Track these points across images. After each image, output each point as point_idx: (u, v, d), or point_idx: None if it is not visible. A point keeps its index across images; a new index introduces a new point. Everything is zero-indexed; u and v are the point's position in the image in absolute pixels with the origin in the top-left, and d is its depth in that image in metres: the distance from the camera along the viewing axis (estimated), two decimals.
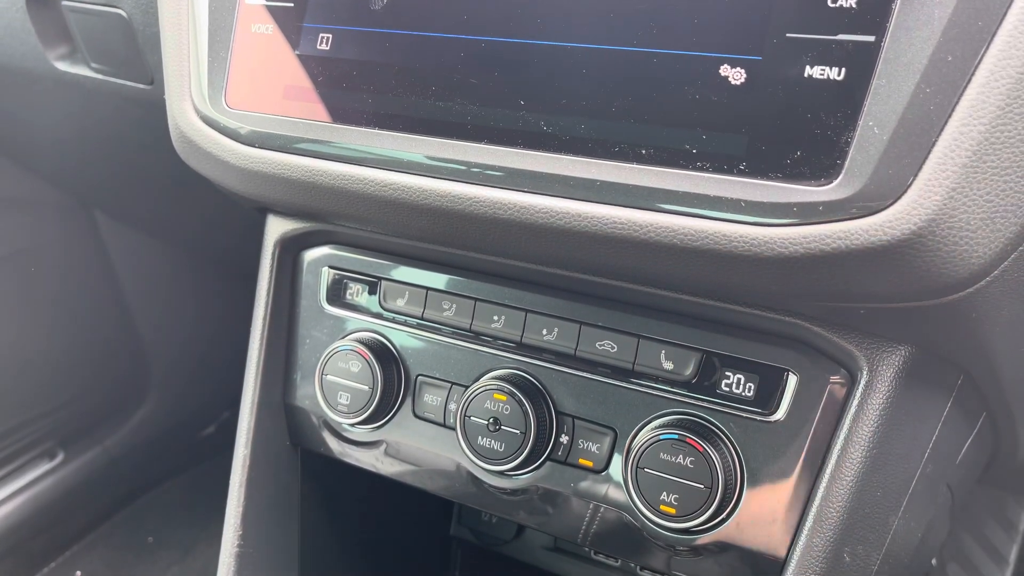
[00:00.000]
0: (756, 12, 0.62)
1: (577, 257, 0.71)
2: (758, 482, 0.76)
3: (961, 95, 0.56)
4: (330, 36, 0.80)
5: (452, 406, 0.90)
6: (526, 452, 0.84)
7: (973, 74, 0.55)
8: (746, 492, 0.76)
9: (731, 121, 0.63)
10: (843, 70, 0.59)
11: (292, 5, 0.82)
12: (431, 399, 0.92)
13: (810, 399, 0.74)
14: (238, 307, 1.01)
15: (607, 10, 0.67)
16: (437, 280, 0.91)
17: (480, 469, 0.88)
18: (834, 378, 0.74)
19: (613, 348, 0.82)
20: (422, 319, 0.92)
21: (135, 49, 1.14)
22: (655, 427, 0.79)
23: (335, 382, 0.94)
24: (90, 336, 2.16)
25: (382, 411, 0.93)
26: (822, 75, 0.60)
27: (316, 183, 0.80)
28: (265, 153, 0.82)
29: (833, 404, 0.74)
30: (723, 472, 0.75)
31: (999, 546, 1.65)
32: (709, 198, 0.63)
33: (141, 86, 1.20)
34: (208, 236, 2.06)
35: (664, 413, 0.80)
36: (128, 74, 1.20)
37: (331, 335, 0.97)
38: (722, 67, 0.63)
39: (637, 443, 0.79)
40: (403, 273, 0.93)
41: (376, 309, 0.95)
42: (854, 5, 0.58)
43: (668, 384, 0.80)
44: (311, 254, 0.99)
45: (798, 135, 0.60)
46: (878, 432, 0.72)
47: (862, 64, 0.58)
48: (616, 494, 0.83)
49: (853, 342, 0.71)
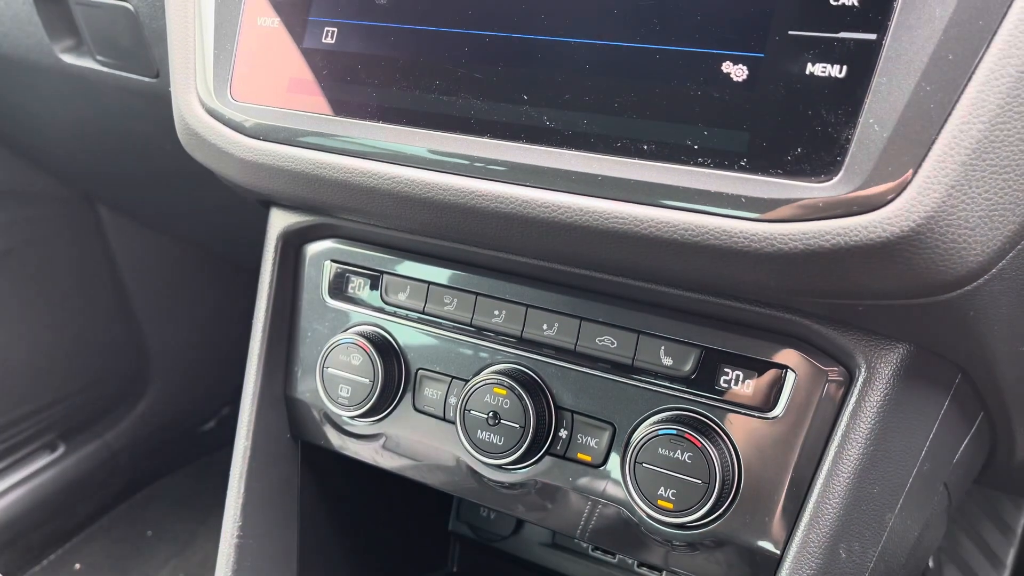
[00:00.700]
0: (759, 10, 0.62)
1: (578, 252, 0.71)
2: (755, 478, 0.76)
3: (961, 94, 0.56)
4: (335, 30, 0.81)
5: (452, 400, 0.91)
6: (525, 446, 0.84)
7: (973, 73, 0.56)
8: (743, 488, 0.77)
9: (733, 117, 0.63)
10: (845, 68, 0.59)
11: None
12: (431, 393, 0.92)
13: (808, 396, 0.75)
14: (239, 303, 1.02)
15: (610, 6, 0.68)
16: (439, 275, 0.92)
17: (479, 463, 0.88)
18: (832, 375, 0.74)
19: (613, 344, 0.83)
20: (423, 313, 0.93)
21: (141, 42, 1.15)
22: (654, 422, 0.79)
23: (336, 375, 0.94)
24: (92, 330, 2.16)
25: (382, 404, 0.93)
26: (824, 73, 0.60)
27: (320, 176, 0.80)
28: (269, 146, 0.83)
29: (831, 401, 0.74)
30: (721, 468, 0.76)
31: (996, 549, 1.65)
32: (710, 194, 0.63)
33: (146, 79, 1.20)
34: (211, 231, 2.06)
35: (663, 409, 0.80)
36: (133, 67, 1.21)
37: (333, 328, 0.98)
38: (724, 64, 0.64)
39: (635, 438, 0.79)
40: (405, 267, 0.94)
41: (378, 303, 0.95)
42: (856, 3, 0.59)
43: (667, 380, 0.80)
44: (314, 248, 1.00)
45: (799, 132, 0.61)
46: (875, 429, 0.72)
47: (863, 62, 0.58)
48: (614, 489, 0.83)
49: (851, 339, 0.72)
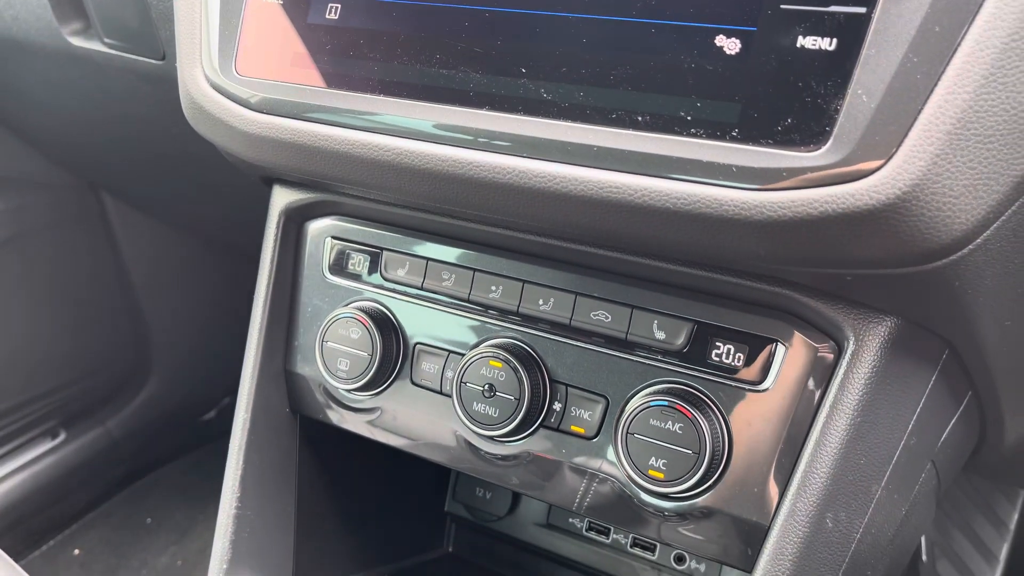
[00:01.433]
0: None
1: (573, 222, 0.73)
2: (745, 448, 0.78)
3: (947, 65, 0.57)
4: (338, 6, 0.82)
5: (449, 374, 0.92)
6: (519, 418, 0.85)
7: (959, 45, 0.57)
8: (733, 458, 0.78)
9: (725, 89, 0.64)
10: (835, 40, 0.60)
11: None
12: (429, 367, 0.94)
13: (797, 369, 0.76)
14: (243, 295, 1.03)
15: None
16: (437, 251, 0.93)
17: (474, 435, 0.90)
18: (821, 348, 0.75)
19: (607, 318, 0.84)
20: (422, 289, 0.94)
21: (148, 23, 1.16)
22: (646, 395, 0.81)
23: (335, 348, 0.95)
24: (95, 318, 2.18)
25: (380, 378, 0.95)
26: (814, 45, 0.61)
27: (322, 148, 0.82)
28: (273, 119, 0.84)
29: (819, 374, 0.75)
30: (711, 438, 0.77)
31: (990, 544, 1.66)
32: (702, 163, 0.64)
33: (153, 61, 1.22)
34: (215, 222, 2.07)
35: (655, 382, 0.82)
36: (140, 49, 1.22)
37: (332, 303, 0.99)
38: (718, 37, 0.65)
39: (628, 410, 0.81)
40: (404, 244, 0.95)
41: (377, 279, 0.97)
42: None
43: (660, 354, 0.82)
44: (315, 225, 1.01)
45: (789, 103, 0.62)
46: (863, 401, 0.73)
47: (853, 34, 0.60)
48: (606, 460, 0.84)
49: (840, 313, 0.73)
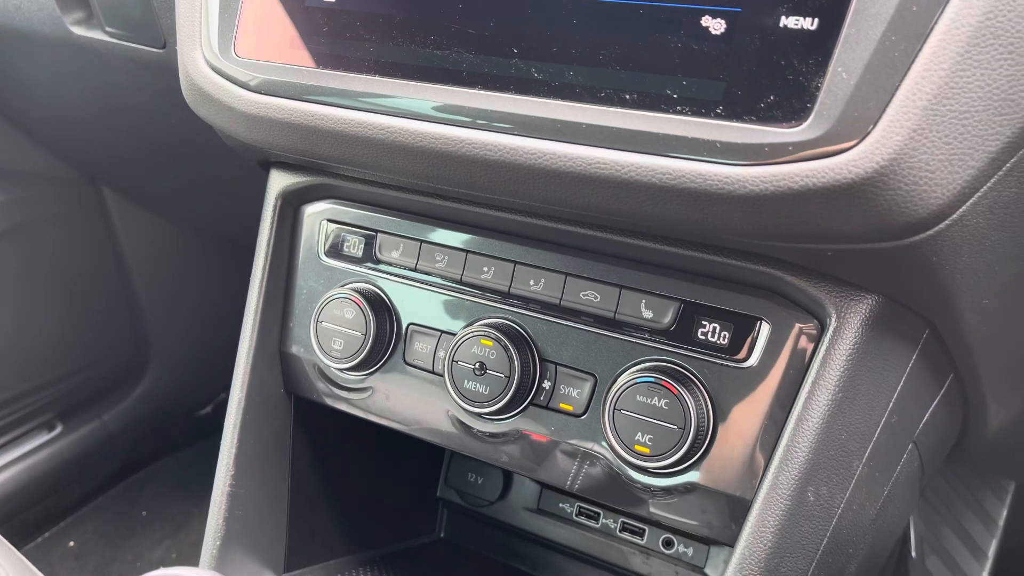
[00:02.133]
0: None
1: (563, 199, 0.74)
2: (729, 424, 0.79)
3: (924, 43, 0.59)
4: None
5: (441, 353, 0.94)
6: (509, 395, 0.87)
7: (936, 23, 0.59)
8: (718, 434, 0.80)
9: (710, 68, 0.66)
10: (816, 20, 0.62)
11: None
12: (421, 347, 0.95)
13: (780, 346, 0.78)
14: (241, 291, 1.04)
15: None
16: (430, 233, 0.95)
17: (465, 412, 0.91)
18: (804, 326, 0.77)
19: (596, 298, 0.86)
20: (415, 270, 0.96)
21: (150, 12, 1.18)
22: (633, 372, 0.82)
23: (329, 328, 0.97)
24: (93, 311, 2.19)
25: (374, 358, 0.96)
26: (796, 25, 0.63)
27: (320, 128, 0.83)
28: (272, 100, 0.86)
29: (802, 351, 0.77)
30: (696, 413, 0.79)
31: (978, 539, 1.67)
32: (688, 140, 0.66)
33: (154, 50, 1.24)
34: (214, 217, 2.09)
35: (642, 360, 0.84)
36: (141, 38, 1.24)
37: (327, 285, 1.01)
38: (704, 18, 0.67)
39: (615, 387, 0.82)
40: (398, 226, 0.97)
41: (372, 261, 0.99)
42: None
43: (647, 332, 0.84)
44: (311, 208, 1.03)
45: (772, 81, 0.64)
46: (844, 377, 0.75)
47: (834, 14, 0.62)
48: (594, 437, 0.86)
49: (822, 291, 0.75)
